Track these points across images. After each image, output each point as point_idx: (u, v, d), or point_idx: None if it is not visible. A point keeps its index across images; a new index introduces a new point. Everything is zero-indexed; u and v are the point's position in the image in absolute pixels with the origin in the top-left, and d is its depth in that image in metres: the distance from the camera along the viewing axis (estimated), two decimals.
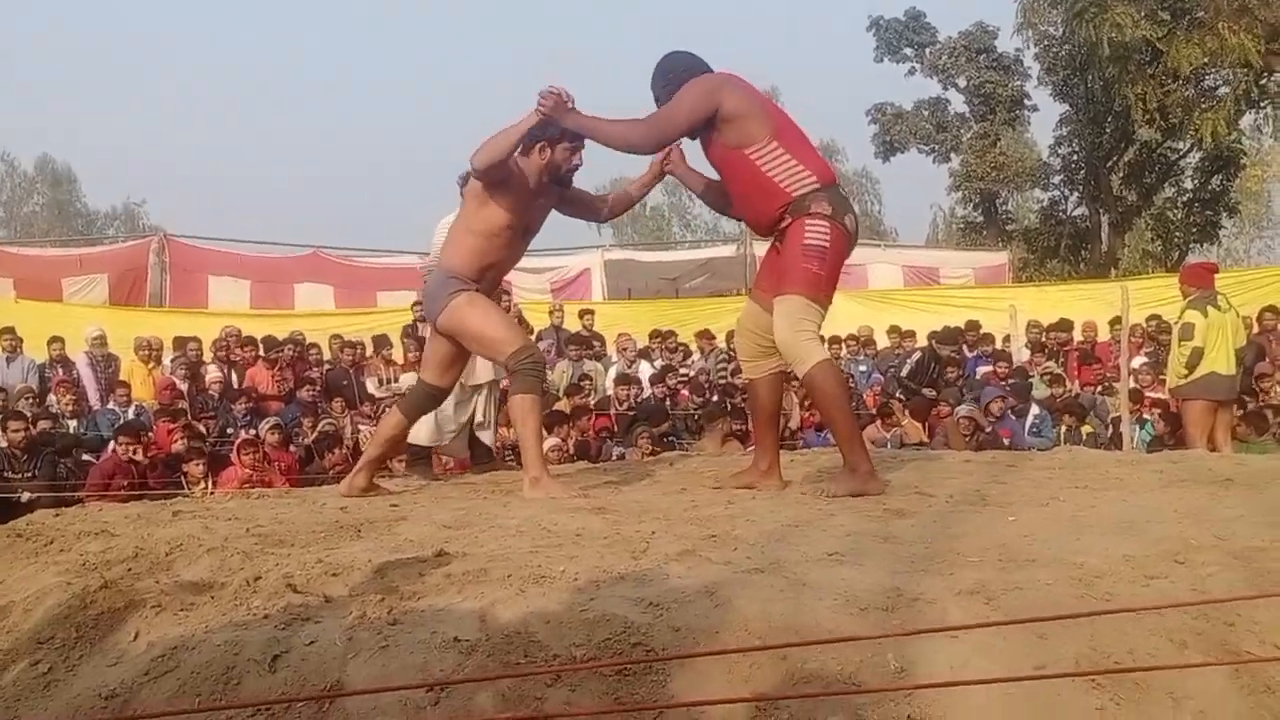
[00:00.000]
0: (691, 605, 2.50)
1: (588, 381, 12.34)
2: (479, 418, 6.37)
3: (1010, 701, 2.24)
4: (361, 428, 10.92)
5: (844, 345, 13.93)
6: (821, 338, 4.55)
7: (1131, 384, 10.84)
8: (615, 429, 11.34)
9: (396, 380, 12.12)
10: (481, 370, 6.16)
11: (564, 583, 2.69)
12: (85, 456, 9.97)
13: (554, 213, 5.07)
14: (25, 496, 8.65)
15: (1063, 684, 2.27)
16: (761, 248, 5.10)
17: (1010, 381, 12.00)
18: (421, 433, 6.15)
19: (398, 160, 78.40)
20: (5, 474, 9.19)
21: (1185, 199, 27.38)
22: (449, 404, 6.12)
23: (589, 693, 2.21)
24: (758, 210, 4.58)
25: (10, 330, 12.14)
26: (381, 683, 2.26)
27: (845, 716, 2.21)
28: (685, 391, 12.31)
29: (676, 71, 4.59)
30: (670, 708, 2.20)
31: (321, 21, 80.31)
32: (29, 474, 9.24)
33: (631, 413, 11.61)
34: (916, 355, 12.83)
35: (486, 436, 6.48)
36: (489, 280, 4.94)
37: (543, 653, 2.32)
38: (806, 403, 11.19)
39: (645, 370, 13.14)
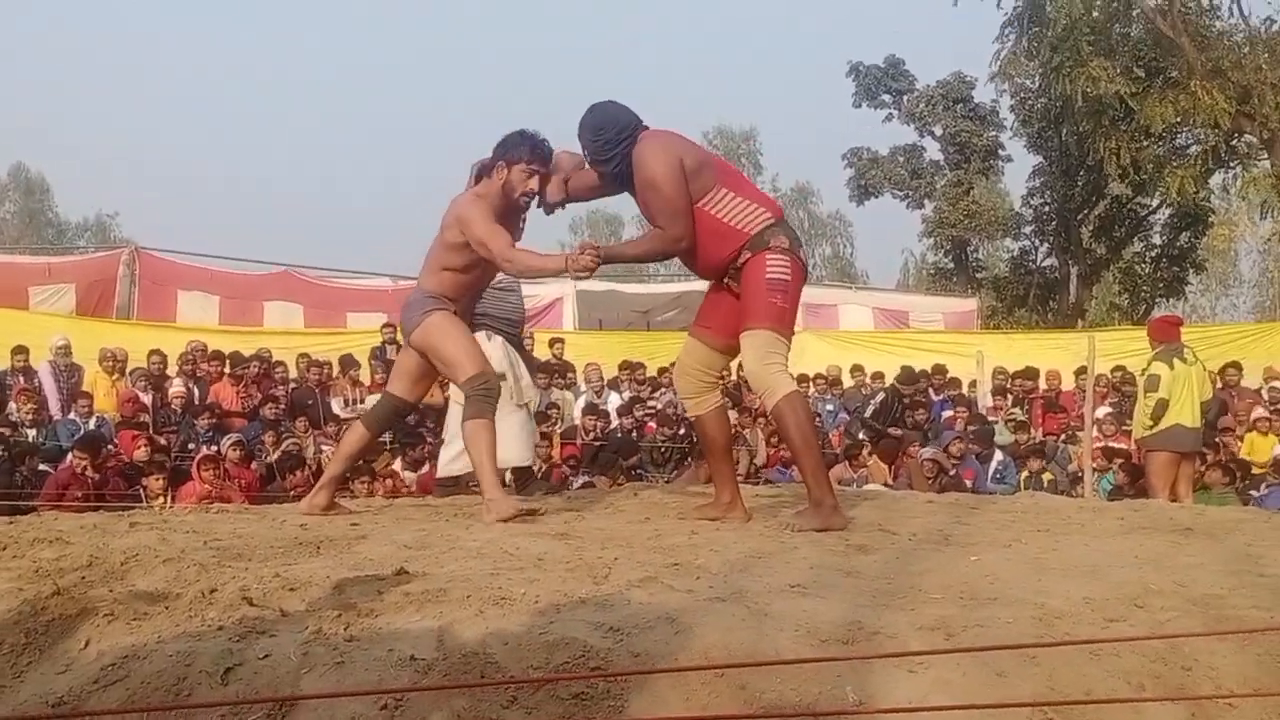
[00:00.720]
0: (652, 631, 2.48)
1: (555, 410, 12.31)
2: None
3: None
4: (324, 448, 10.83)
5: (812, 384, 13.98)
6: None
7: (1095, 434, 10.91)
8: (581, 459, 11.31)
9: (362, 401, 12.04)
10: (527, 388, 6.61)
11: (524, 605, 2.66)
12: (42, 466, 9.82)
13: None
14: None
15: (1020, 718, 2.26)
16: None
17: (972, 428, 12.06)
18: (521, 451, 6.46)
19: (372, 183, 78.26)
20: None
21: (1153, 254, 27.68)
22: (530, 423, 6.38)
23: (546, 715, 2.19)
24: (713, 255, 4.54)
25: None
26: (336, 702, 2.23)
27: None
28: (653, 424, 12.31)
29: (607, 132, 4.51)
30: None
31: (307, 37, 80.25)
32: None
33: (598, 443, 11.59)
34: (880, 396, 12.89)
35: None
36: (469, 299, 5.03)
37: (500, 674, 2.29)
38: (773, 439, 11.21)
39: (613, 401, 13.13)
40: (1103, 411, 12.17)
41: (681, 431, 11.85)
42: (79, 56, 74.44)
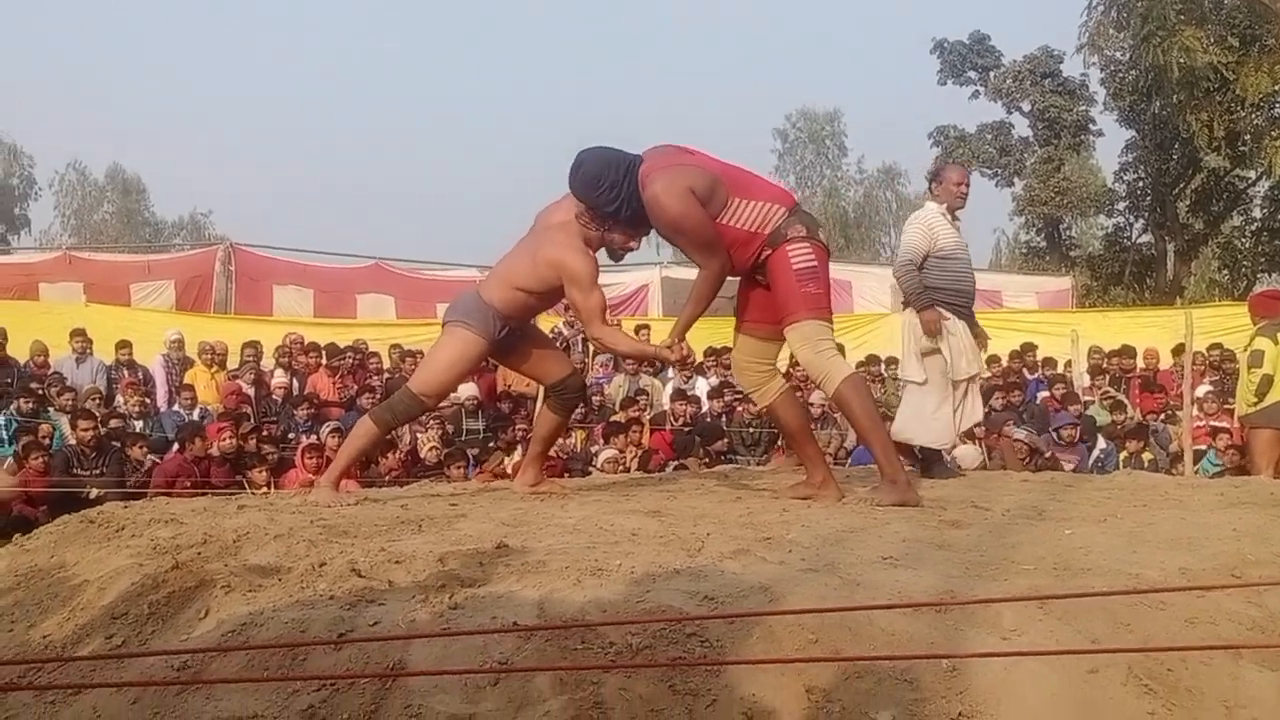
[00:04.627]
0: (746, 599, 2.54)
1: (644, 396, 12.38)
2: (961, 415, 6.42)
3: (1061, 703, 2.25)
4: (419, 435, 11.04)
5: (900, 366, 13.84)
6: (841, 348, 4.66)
7: (1195, 413, 10.69)
8: (674, 449, 11.30)
9: (455, 390, 12.24)
10: (965, 365, 6.27)
11: (620, 575, 2.74)
12: (150, 456, 10.14)
13: None
14: (94, 493, 8.84)
15: (1115, 687, 2.28)
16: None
17: (1074, 407, 11.88)
18: (933, 434, 6.27)
19: (461, 176, 79.18)
20: (75, 470, 9.40)
21: (1254, 228, 26.95)
22: (946, 404, 6.27)
23: (644, 678, 2.26)
24: (737, 259, 4.64)
25: (81, 332, 12.40)
26: (442, 665, 2.32)
27: (897, 711, 2.23)
28: (741, 407, 12.31)
29: (607, 177, 4.52)
30: (718, 664, 2.23)
31: (391, 41, 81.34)
32: (98, 471, 9.44)
33: (687, 429, 11.63)
34: None
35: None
36: (520, 319, 4.94)
37: (599, 640, 2.36)
38: None
39: (702, 386, 13.15)
40: (1203, 390, 11.91)
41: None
42: (173, 59, 76.28)
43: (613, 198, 4.52)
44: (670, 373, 13.62)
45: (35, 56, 69.07)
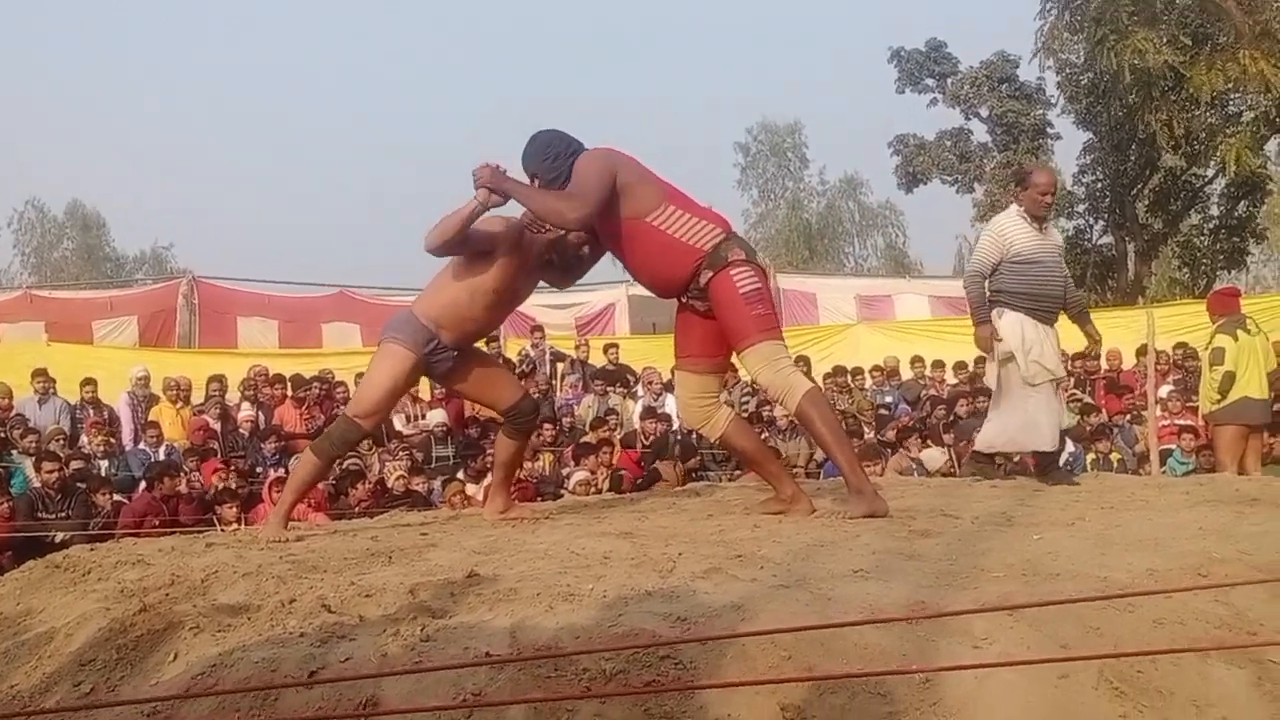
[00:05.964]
0: (719, 619, 2.54)
1: (614, 416, 12.38)
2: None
3: (1034, 709, 2.27)
4: (388, 464, 11.00)
5: (869, 375, 13.94)
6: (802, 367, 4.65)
7: (1160, 412, 10.78)
8: (643, 467, 11.29)
9: (424, 417, 12.21)
10: (1038, 371, 6.19)
11: (592, 600, 2.74)
12: (116, 497, 10.03)
13: None
14: (59, 537, 8.72)
15: (1086, 691, 2.29)
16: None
17: None
18: (1046, 437, 6.21)
19: (423, 198, 78.99)
20: (39, 514, 9.29)
21: (1212, 226, 27.23)
22: (1053, 402, 6.30)
23: (619, 704, 2.25)
24: (670, 272, 4.61)
25: (43, 372, 12.26)
26: (414, 699, 2.31)
27: None
28: None
29: (555, 148, 4.60)
30: (692, 688, 2.23)
31: (349, 60, 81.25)
32: (63, 514, 9.33)
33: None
34: None
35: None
36: (454, 330, 4.83)
37: (572, 667, 2.36)
38: None
39: (671, 404, 13.16)
40: (1166, 390, 12.02)
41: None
42: (125, 92, 75.95)
43: (555, 167, 4.56)
44: (640, 390, 13.63)
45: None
